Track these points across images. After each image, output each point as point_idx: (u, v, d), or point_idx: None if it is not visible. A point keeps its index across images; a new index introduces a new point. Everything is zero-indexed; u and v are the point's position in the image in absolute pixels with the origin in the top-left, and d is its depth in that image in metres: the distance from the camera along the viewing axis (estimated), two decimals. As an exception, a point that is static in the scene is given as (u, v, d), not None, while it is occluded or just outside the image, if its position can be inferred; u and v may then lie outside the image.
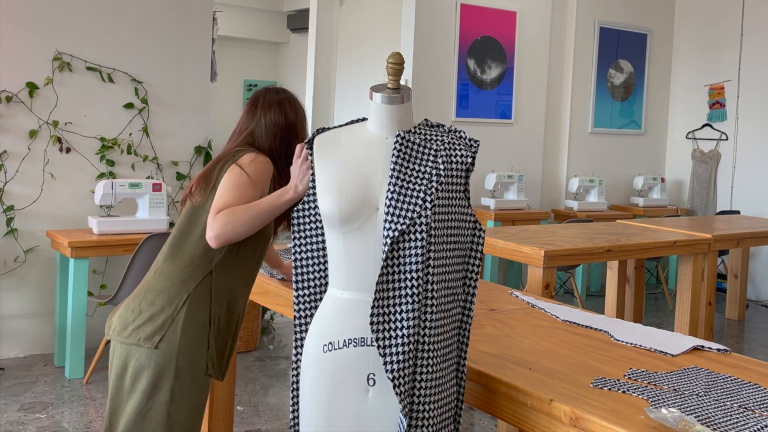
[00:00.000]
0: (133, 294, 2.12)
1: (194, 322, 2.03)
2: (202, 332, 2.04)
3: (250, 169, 2.07)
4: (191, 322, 2.02)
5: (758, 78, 6.99)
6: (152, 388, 1.99)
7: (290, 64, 13.80)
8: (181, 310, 2.02)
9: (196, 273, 2.06)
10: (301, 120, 2.31)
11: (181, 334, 2.00)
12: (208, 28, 5.18)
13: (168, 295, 2.04)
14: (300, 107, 2.34)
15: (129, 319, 2.04)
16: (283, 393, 4.15)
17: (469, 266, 1.74)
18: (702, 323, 4.63)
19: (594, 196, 6.88)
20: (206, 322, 2.04)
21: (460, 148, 1.71)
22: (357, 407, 1.67)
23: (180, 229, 2.14)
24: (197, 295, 2.05)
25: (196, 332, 2.02)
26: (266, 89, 2.35)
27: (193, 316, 2.03)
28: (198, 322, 2.03)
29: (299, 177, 2.02)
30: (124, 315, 2.06)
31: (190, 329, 2.02)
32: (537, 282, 3.77)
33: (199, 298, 2.05)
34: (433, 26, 6.19)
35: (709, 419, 1.63)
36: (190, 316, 2.02)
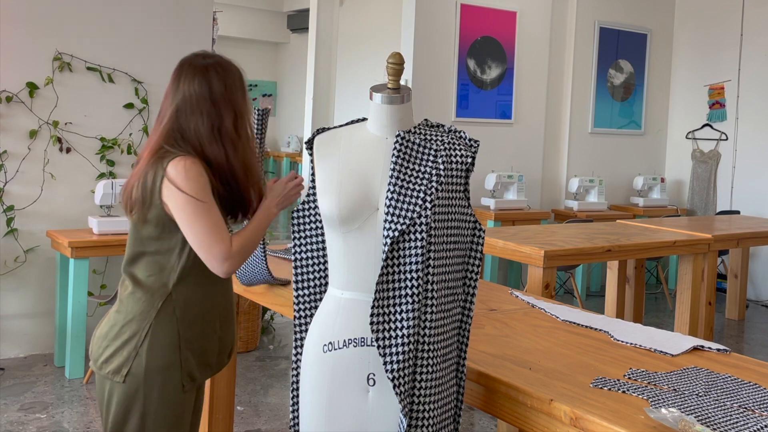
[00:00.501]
0: (104, 319, 2.07)
1: (161, 347, 1.96)
2: (172, 354, 1.97)
3: (194, 191, 1.91)
4: (157, 348, 1.96)
5: (758, 78, 6.99)
6: (123, 419, 1.96)
7: (290, 64, 13.81)
8: (145, 340, 1.96)
9: (155, 300, 1.98)
10: (231, 91, 2.04)
11: (147, 363, 1.95)
12: (208, 28, 5.18)
13: (131, 328, 1.98)
14: (232, 75, 2.07)
15: (98, 351, 2.00)
16: (283, 393, 4.15)
17: (469, 266, 1.74)
18: (702, 323, 4.63)
19: (594, 196, 6.88)
20: (175, 343, 1.97)
21: (460, 148, 1.71)
22: (357, 407, 1.67)
23: (131, 255, 2.04)
24: (160, 320, 1.97)
25: (164, 356, 1.96)
26: (192, 54, 2.12)
27: (158, 342, 1.96)
28: (165, 346, 1.97)
29: (281, 199, 2.10)
30: (96, 345, 2.03)
31: (156, 355, 1.95)
32: (537, 282, 3.77)
33: (163, 323, 1.97)
34: (433, 26, 6.19)
35: (709, 419, 1.63)
36: (155, 343, 1.96)
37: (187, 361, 1.99)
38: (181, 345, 1.98)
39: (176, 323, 1.98)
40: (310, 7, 9.51)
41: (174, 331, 1.97)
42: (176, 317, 1.98)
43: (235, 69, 2.10)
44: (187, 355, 1.99)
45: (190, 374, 2.01)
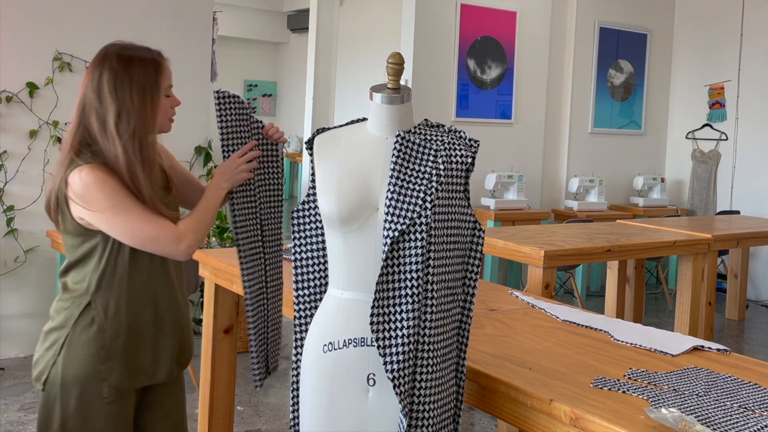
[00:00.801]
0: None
1: (78, 357, 1.90)
2: (92, 365, 1.90)
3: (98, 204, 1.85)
4: (74, 358, 1.90)
5: (758, 78, 6.99)
6: (44, 427, 1.92)
7: (290, 64, 13.81)
8: (62, 349, 1.90)
9: (74, 308, 1.93)
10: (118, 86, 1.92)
11: (63, 372, 1.89)
12: (208, 28, 5.18)
13: (53, 336, 1.94)
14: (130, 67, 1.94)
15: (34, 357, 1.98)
16: (283, 393, 4.15)
17: (469, 266, 1.74)
18: (702, 323, 4.63)
19: (594, 196, 6.88)
20: (95, 353, 1.90)
21: (460, 148, 1.71)
22: (357, 407, 1.67)
23: (65, 263, 2.00)
24: (78, 329, 1.91)
25: (82, 366, 1.89)
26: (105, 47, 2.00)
27: (76, 352, 1.90)
28: (84, 356, 1.90)
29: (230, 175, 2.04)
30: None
31: (73, 365, 1.89)
32: (537, 282, 3.77)
33: (82, 332, 1.91)
34: (433, 26, 6.19)
35: (709, 419, 1.63)
36: (72, 352, 1.90)
37: (111, 371, 1.92)
38: (103, 355, 1.91)
39: (97, 332, 1.91)
40: (310, 7, 9.52)
41: (93, 340, 1.90)
42: (96, 326, 1.91)
43: (141, 61, 1.96)
44: (112, 365, 1.92)
45: (115, 386, 1.92)
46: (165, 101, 2.00)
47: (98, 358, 1.91)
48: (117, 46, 1.99)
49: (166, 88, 2.00)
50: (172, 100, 2.04)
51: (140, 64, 1.96)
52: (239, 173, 2.06)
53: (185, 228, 1.95)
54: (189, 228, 1.95)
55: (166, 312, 2.02)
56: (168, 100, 2.02)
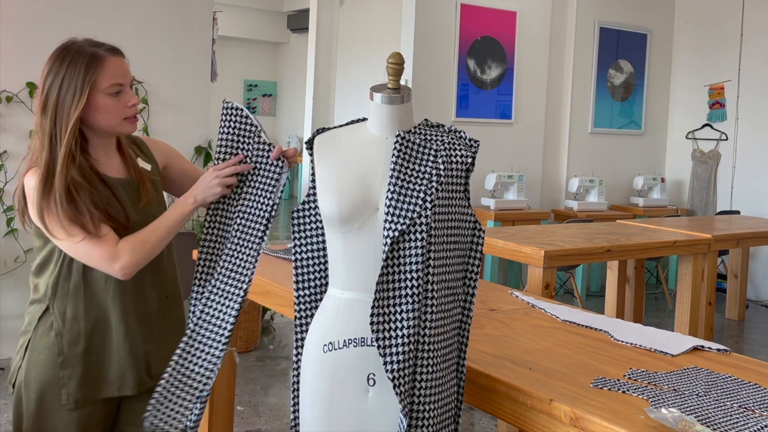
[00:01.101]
0: None
1: (37, 362, 1.87)
2: (49, 370, 1.86)
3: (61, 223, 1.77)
4: (34, 363, 1.87)
5: (758, 78, 6.99)
6: (16, 428, 1.90)
7: (290, 64, 13.82)
8: (26, 353, 1.89)
9: (35, 313, 1.90)
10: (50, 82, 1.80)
11: (25, 376, 1.87)
12: (208, 28, 5.18)
13: (21, 339, 1.92)
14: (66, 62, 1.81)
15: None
16: (283, 393, 4.15)
17: (469, 266, 1.74)
18: (702, 323, 4.63)
19: (594, 196, 6.88)
20: (52, 360, 1.86)
21: (460, 148, 1.71)
22: (357, 407, 1.67)
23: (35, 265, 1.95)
24: (38, 334, 1.88)
25: (40, 372, 1.86)
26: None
27: (35, 357, 1.87)
28: (42, 361, 1.86)
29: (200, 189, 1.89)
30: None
31: (32, 370, 1.87)
32: (537, 282, 3.77)
33: (41, 338, 1.87)
34: (433, 26, 6.19)
35: (709, 419, 1.63)
36: (32, 357, 1.88)
37: (70, 379, 1.86)
38: (61, 361, 1.86)
39: (55, 338, 1.86)
40: (310, 7, 9.52)
41: (52, 345, 1.86)
42: (54, 332, 1.86)
43: (77, 55, 1.82)
44: (71, 372, 1.86)
45: (74, 393, 1.86)
46: (108, 101, 1.84)
47: (56, 364, 1.86)
48: (70, 40, 1.87)
49: (111, 86, 1.84)
50: (127, 99, 1.88)
51: (75, 60, 1.81)
52: (212, 188, 1.90)
53: (123, 247, 1.82)
54: (128, 247, 1.82)
55: (135, 321, 1.92)
56: (116, 99, 1.86)
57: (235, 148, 1.95)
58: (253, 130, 1.93)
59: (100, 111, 1.84)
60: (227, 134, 1.95)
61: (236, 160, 1.93)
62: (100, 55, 1.84)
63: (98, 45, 1.87)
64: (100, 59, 1.83)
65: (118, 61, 1.88)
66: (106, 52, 1.86)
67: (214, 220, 1.95)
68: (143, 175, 1.97)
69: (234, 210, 1.93)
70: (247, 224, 1.91)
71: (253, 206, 1.91)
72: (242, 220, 1.91)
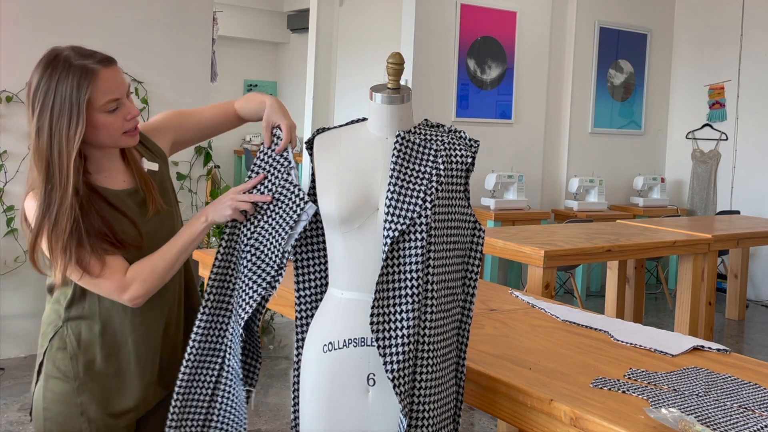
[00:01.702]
0: None
1: (54, 391, 1.75)
2: (68, 397, 1.75)
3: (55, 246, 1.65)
4: (51, 391, 1.75)
5: (758, 78, 6.99)
6: None
7: (290, 64, 13.81)
8: (40, 378, 1.77)
9: (48, 331, 1.78)
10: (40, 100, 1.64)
11: (43, 406, 1.75)
12: (208, 28, 5.18)
13: (38, 359, 1.80)
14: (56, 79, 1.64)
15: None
16: (283, 393, 4.15)
17: (469, 266, 1.74)
18: (702, 323, 4.63)
19: (594, 196, 6.88)
20: (68, 386, 1.75)
21: (460, 148, 1.71)
22: (357, 407, 1.67)
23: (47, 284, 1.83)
24: (52, 355, 1.76)
25: (58, 397, 1.75)
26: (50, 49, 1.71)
27: (51, 385, 1.75)
28: (59, 388, 1.75)
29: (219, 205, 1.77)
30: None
31: (52, 399, 1.75)
32: (537, 282, 3.77)
33: (54, 359, 1.75)
34: (433, 26, 6.19)
35: (709, 419, 1.63)
36: (48, 385, 1.76)
37: (89, 404, 1.75)
38: (78, 386, 1.75)
39: (70, 361, 1.74)
40: (310, 7, 9.51)
41: (67, 369, 1.74)
42: (69, 355, 1.75)
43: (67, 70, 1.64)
44: (88, 397, 1.75)
45: (96, 420, 1.76)
46: (106, 118, 1.69)
47: (73, 390, 1.75)
48: (53, 51, 1.69)
49: (108, 103, 1.68)
50: (125, 112, 1.73)
51: (64, 76, 1.64)
52: (224, 209, 1.78)
53: (133, 275, 1.72)
54: (137, 276, 1.72)
55: (153, 338, 1.84)
56: (114, 115, 1.71)
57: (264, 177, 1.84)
58: (285, 165, 1.83)
59: (98, 129, 1.69)
60: (265, 159, 1.85)
61: (257, 180, 1.82)
62: (91, 68, 1.65)
63: (87, 55, 1.68)
64: (92, 74, 1.65)
65: (111, 73, 1.69)
66: (97, 64, 1.67)
67: (225, 248, 1.84)
68: (149, 183, 1.83)
69: (246, 243, 1.81)
70: (256, 262, 1.78)
71: (265, 245, 1.78)
72: (252, 257, 1.79)
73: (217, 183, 7.73)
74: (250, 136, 13.57)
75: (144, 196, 1.81)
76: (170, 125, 1.96)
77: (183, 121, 1.99)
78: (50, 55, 1.67)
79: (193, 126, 1.99)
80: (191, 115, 2.01)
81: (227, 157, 13.34)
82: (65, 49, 1.68)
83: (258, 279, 1.76)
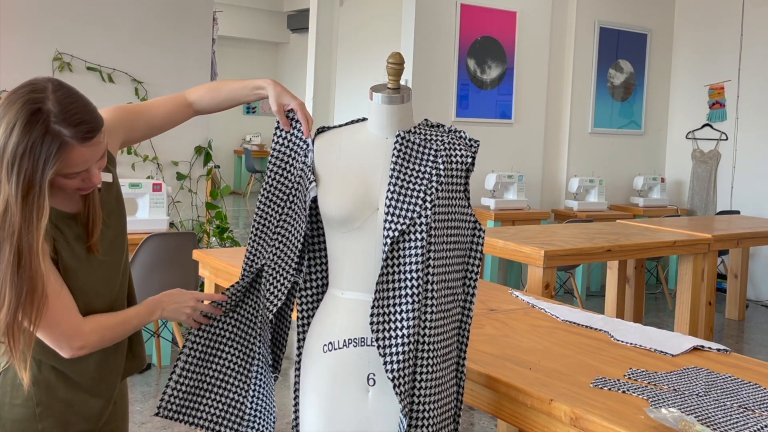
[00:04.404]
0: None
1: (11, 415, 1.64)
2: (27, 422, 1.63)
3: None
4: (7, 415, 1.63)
5: (758, 78, 6.99)
6: None
7: (290, 64, 13.82)
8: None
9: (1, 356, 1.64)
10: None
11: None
12: (208, 28, 5.19)
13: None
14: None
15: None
16: (284, 393, 4.15)
17: (469, 266, 1.74)
18: (702, 323, 4.63)
19: (594, 196, 6.88)
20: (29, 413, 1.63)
21: (460, 148, 1.71)
22: (357, 407, 1.67)
23: None
24: (8, 382, 1.63)
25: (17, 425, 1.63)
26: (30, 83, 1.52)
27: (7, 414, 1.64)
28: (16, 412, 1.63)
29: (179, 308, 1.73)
30: None
31: (9, 424, 1.63)
32: (537, 282, 3.77)
33: (11, 386, 1.63)
34: (433, 26, 6.19)
35: (709, 419, 1.63)
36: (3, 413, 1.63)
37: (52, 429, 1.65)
38: (39, 413, 1.64)
39: (31, 386, 1.62)
40: (310, 7, 9.51)
41: (28, 397, 1.63)
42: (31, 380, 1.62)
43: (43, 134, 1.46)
44: (50, 423, 1.64)
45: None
46: (64, 180, 1.54)
47: (34, 416, 1.63)
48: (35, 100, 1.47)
49: (72, 174, 1.53)
50: (87, 178, 1.56)
51: (38, 142, 1.46)
52: (180, 314, 1.77)
53: (92, 328, 1.62)
54: (95, 331, 1.62)
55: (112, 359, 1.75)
56: (72, 179, 1.54)
57: (286, 162, 1.82)
58: (303, 147, 1.80)
59: (53, 186, 1.53)
60: (284, 143, 1.83)
61: (218, 298, 1.81)
62: (66, 144, 1.47)
63: (68, 120, 1.48)
64: (64, 151, 1.48)
65: (85, 150, 1.51)
66: (74, 139, 1.48)
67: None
68: (96, 206, 1.67)
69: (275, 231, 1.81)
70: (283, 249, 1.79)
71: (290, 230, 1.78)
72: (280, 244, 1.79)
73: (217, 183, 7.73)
74: (250, 136, 13.59)
75: (85, 224, 1.66)
76: (120, 125, 1.81)
77: (133, 120, 1.84)
78: (28, 99, 1.47)
79: (142, 126, 1.86)
80: (140, 114, 1.86)
81: (227, 157, 13.35)
82: (46, 96, 1.48)
83: (284, 265, 1.77)
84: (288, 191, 1.81)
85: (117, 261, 1.73)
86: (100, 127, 1.54)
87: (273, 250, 1.80)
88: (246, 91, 1.87)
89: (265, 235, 1.82)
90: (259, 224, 1.83)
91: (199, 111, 1.93)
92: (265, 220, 1.82)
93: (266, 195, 1.82)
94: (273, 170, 1.82)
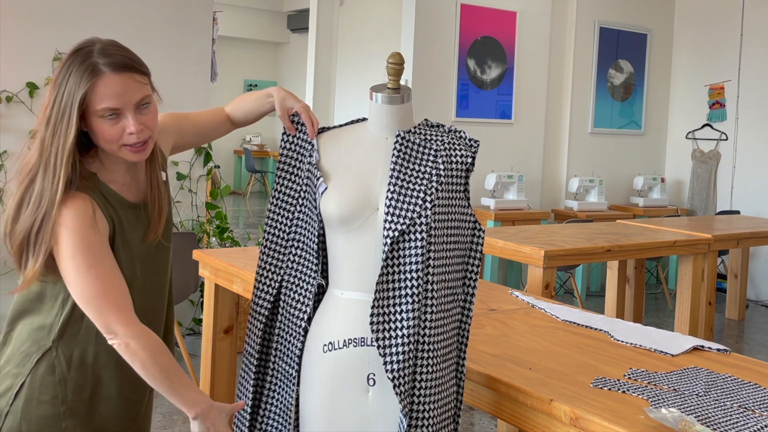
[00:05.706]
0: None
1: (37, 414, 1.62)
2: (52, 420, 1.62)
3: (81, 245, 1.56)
4: (33, 411, 1.62)
5: (758, 78, 6.99)
6: None
7: (290, 64, 13.82)
8: (17, 398, 1.62)
9: (31, 351, 1.64)
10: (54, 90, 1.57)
11: (22, 425, 1.62)
12: (208, 28, 5.18)
13: (7, 381, 1.65)
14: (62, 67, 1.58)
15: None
16: (283, 393, 4.14)
17: (469, 266, 1.74)
18: (702, 323, 4.63)
19: (594, 196, 6.88)
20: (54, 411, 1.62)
21: (460, 148, 1.72)
22: (357, 407, 1.67)
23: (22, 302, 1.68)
24: (38, 376, 1.62)
25: (42, 421, 1.62)
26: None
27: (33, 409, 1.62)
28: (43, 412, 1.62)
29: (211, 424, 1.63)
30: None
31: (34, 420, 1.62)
32: (537, 282, 3.77)
33: (41, 382, 1.62)
34: (433, 26, 6.19)
35: (709, 419, 1.63)
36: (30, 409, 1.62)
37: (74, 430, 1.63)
38: (64, 411, 1.63)
39: (58, 384, 1.62)
40: (310, 7, 9.52)
41: (54, 393, 1.62)
42: (57, 378, 1.62)
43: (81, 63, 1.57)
44: (74, 423, 1.64)
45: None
46: (101, 124, 1.59)
47: (59, 414, 1.63)
48: (85, 42, 1.62)
49: (103, 110, 1.57)
50: (126, 125, 1.60)
51: (76, 71, 1.57)
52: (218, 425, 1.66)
53: (140, 333, 1.59)
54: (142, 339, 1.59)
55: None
56: (111, 124, 1.59)
57: (293, 166, 1.82)
58: (308, 148, 1.80)
59: (95, 133, 1.60)
60: (290, 146, 1.83)
61: (239, 406, 1.78)
62: (98, 70, 1.56)
63: (107, 54, 1.58)
64: (96, 75, 1.56)
65: (117, 80, 1.57)
66: (107, 66, 1.56)
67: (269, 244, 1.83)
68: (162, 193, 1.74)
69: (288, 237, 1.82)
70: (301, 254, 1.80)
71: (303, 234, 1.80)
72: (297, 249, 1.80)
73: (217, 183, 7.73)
74: (250, 136, 13.57)
75: (149, 216, 1.72)
76: (172, 128, 1.89)
77: (183, 124, 1.92)
78: (77, 46, 1.60)
79: (191, 130, 1.93)
80: (188, 119, 1.94)
81: (227, 157, 13.34)
82: (96, 42, 1.61)
83: (305, 269, 1.78)
84: (297, 195, 1.81)
85: (168, 251, 1.80)
86: (136, 66, 1.63)
87: (291, 257, 1.80)
88: (261, 100, 1.92)
89: (279, 246, 1.81)
90: (270, 234, 1.82)
91: (235, 123, 2.00)
92: (277, 229, 1.81)
93: (275, 203, 1.82)
94: (281, 176, 1.83)
